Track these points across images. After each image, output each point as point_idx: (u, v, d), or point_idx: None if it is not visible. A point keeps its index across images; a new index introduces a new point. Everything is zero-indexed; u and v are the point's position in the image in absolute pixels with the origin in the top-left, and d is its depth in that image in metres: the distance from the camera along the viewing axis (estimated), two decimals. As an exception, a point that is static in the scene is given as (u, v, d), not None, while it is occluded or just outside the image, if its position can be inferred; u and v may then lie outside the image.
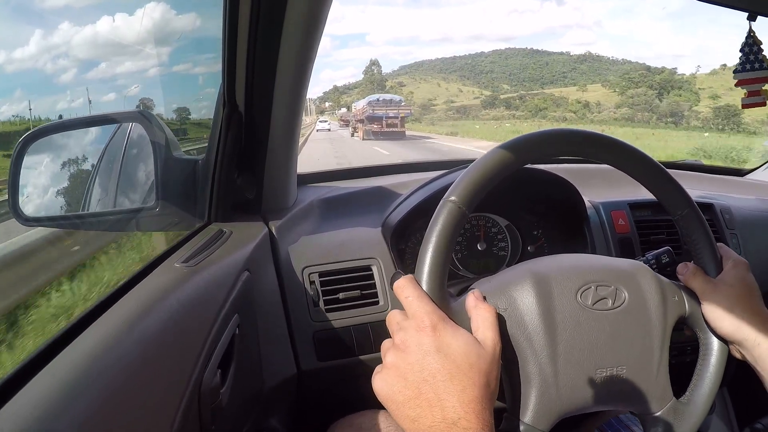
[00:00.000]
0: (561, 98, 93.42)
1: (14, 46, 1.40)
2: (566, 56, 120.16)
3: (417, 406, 0.49)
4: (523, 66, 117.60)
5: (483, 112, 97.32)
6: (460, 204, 0.57)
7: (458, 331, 0.53)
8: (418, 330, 0.53)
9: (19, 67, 1.38)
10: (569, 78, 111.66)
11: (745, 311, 0.62)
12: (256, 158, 0.99)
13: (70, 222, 1.07)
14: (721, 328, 0.63)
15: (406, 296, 0.55)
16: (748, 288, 0.65)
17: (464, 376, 0.50)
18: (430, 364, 0.51)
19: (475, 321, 0.56)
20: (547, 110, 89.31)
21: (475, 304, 0.57)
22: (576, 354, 0.59)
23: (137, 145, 1.04)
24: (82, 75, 1.44)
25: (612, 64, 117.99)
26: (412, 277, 0.56)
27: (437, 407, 0.49)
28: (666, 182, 0.65)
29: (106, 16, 1.49)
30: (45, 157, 1.02)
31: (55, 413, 0.39)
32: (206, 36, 1.38)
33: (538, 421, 0.57)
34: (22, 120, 1.27)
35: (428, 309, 0.54)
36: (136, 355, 0.50)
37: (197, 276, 0.69)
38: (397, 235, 1.09)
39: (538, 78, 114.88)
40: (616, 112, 76.03)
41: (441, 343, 0.52)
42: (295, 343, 0.94)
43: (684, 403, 0.63)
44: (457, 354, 0.51)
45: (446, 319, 0.54)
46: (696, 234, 0.66)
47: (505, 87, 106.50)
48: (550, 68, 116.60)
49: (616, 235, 1.17)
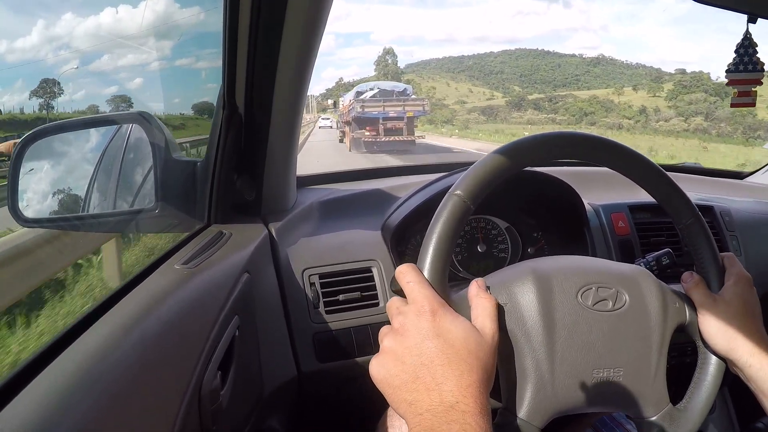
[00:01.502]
0: (606, 101, 79.22)
1: (15, 37, 1.39)
2: (578, 58, 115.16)
3: (414, 390, 0.49)
4: (534, 67, 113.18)
5: (515, 115, 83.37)
6: (465, 198, 0.58)
7: (457, 317, 0.53)
8: (417, 314, 0.53)
9: (20, 58, 1.37)
10: (582, 81, 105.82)
11: (740, 330, 0.62)
12: (255, 160, 0.99)
13: (69, 223, 1.06)
14: (714, 345, 0.63)
15: (408, 281, 0.55)
16: (747, 306, 0.64)
17: (462, 361, 0.50)
18: (429, 348, 0.50)
19: (475, 310, 0.56)
20: (595, 114, 75.14)
21: (476, 293, 0.57)
22: (573, 353, 0.59)
23: (137, 147, 1.03)
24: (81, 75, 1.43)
25: (626, 67, 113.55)
26: (414, 264, 0.57)
27: (435, 391, 0.48)
28: (673, 193, 0.65)
29: (109, 8, 1.50)
30: (44, 158, 1.01)
31: (55, 416, 0.38)
32: (206, 37, 1.38)
33: (533, 417, 0.57)
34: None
35: (428, 294, 0.54)
36: (137, 357, 0.50)
37: (197, 278, 0.69)
38: (397, 237, 1.09)
39: (550, 80, 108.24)
40: (687, 122, 61.53)
41: (440, 328, 0.51)
42: (295, 344, 0.94)
43: (680, 410, 0.63)
44: (455, 339, 0.51)
45: (446, 305, 0.54)
46: (700, 245, 0.66)
47: (516, 88, 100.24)
48: (563, 70, 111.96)
49: (616, 237, 1.17)
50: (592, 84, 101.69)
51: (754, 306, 0.65)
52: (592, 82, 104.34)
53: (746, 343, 0.61)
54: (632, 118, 69.86)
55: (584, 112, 76.83)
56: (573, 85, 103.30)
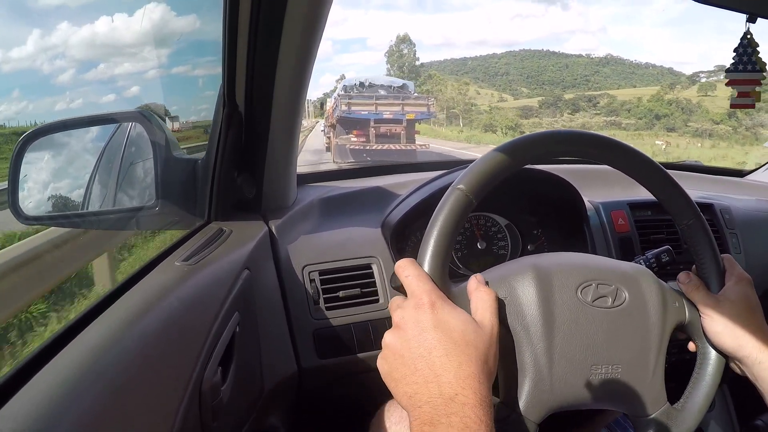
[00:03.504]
0: (681, 100, 59.29)
1: (12, 46, 1.39)
2: (586, 59, 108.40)
3: (414, 382, 0.49)
4: (541, 68, 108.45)
5: (563, 117, 66.28)
6: (467, 192, 0.58)
7: (456, 309, 0.54)
8: (416, 308, 0.53)
9: (16, 67, 1.37)
10: (592, 81, 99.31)
11: (747, 328, 0.62)
12: (256, 157, 0.99)
13: (70, 221, 1.07)
14: (722, 345, 0.63)
15: (406, 275, 0.55)
16: (750, 305, 0.64)
17: (461, 352, 0.50)
18: (427, 341, 0.51)
19: (475, 303, 0.56)
20: (671, 118, 56.27)
21: (476, 287, 0.57)
22: (572, 349, 0.59)
23: (137, 145, 1.04)
24: (80, 75, 1.43)
25: (636, 67, 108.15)
26: (413, 259, 0.57)
27: (433, 383, 0.48)
28: (675, 193, 0.65)
29: (105, 17, 1.49)
30: (45, 156, 1.02)
31: (56, 411, 0.39)
32: (206, 36, 1.38)
33: (530, 412, 0.57)
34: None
35: (427, 288, 0.54)
36: (137, 353, 0.50)
37: (198, 274, 0.69)
38: (397, 234, 1.09)
39: (558, 81, 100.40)
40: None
41: (438, 321, 0.52)
42: (296, 340, 0.95)
43: (677, 409, 0.63)
44: (454, 331, 0.51)
45: (445, 298, 0.54)
46: (700, 246, 0.66)
47: (524, 90, 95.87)
48: (571, 71, 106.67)
49: (616, 235, 1.17)
50: (603, 84, 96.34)
51: (757, 305, 0.65)
52: (602, 82, 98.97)
53: (755, 341, 0.61)
54: (721, 122, 50.51)
55: (655, 114, 57.96)
56: (583, 85, 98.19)
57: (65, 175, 1.09)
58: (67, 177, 1.09)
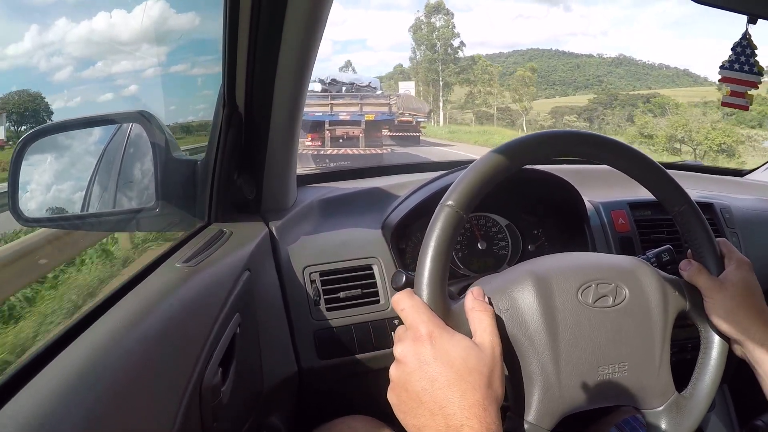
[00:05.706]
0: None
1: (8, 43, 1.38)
2: (598, 59, 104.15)
3: (420, 415, 0.50)
4: (551, 68, 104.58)
5: (645, 121, 39.33)
6: (457, 208, 0.57)
7: (455, 336, 0.53)
8: (414, 341, 0.53)
9: (12, 64, 1.36)
10: (606, 82, 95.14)
11: (750, 311, 0.62)
12: (256, 158, 0.99)
13: (70, 222, 1.07)
14: (725, 328, 0.63)
15: (401, 308, 0.55)
16: (752, 288, 0.65)
17: (463, 381, 0.50)
18: (428, 373, 0.51)
19: (473, 324, 0.56)
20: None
21: (471, 306, 0.57)
22: (578, 352, 0.59)
23: (137, 146, 1.03)
24: (77, 73, 1.42)
25: (650, 68, 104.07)
26: (409, 290, 0.56)
27: (439, 415, 0.49)
28: (663, 179, 0.66)
29: (104, 12, 1.47)
30: (45, 157, 1.02)
31: (57, 412, 0.39)
32: (206, 36, 1.38)
33: (542, 420, 0.57)
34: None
35: (424, 318, 0.54)
36: (138, 354, 0.50)
37: (198, 276, 0.69)
38: (398, 235, 1.09)
39: (569, 81, 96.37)
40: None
41: (438, 351, 0.52)
42: (296, 341, 0.95)
43: (686, 396, 0.63)
44: (455, 360, 0.51)
45: (443, 326, 0.54)
46: (695, 230, 0.66)
47: (534, 90, 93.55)
48: (582, 71, 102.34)
49: (616, 235, 1.18)
50: (617, 85, 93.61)
51: (757, 288, 0.66)
52: (616, 83, 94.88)
53: (757, 324, 0.62)
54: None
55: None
56: (596, 86, 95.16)
57: (65, 177, 1.09)
58: (68, 178, 1.09)
